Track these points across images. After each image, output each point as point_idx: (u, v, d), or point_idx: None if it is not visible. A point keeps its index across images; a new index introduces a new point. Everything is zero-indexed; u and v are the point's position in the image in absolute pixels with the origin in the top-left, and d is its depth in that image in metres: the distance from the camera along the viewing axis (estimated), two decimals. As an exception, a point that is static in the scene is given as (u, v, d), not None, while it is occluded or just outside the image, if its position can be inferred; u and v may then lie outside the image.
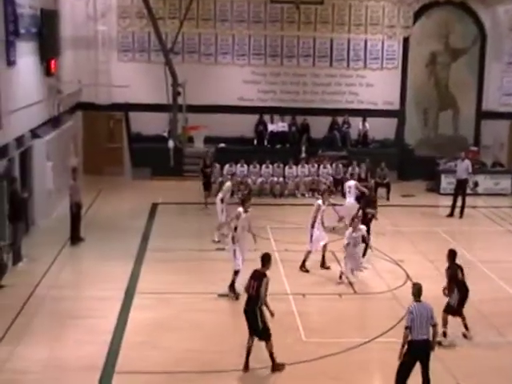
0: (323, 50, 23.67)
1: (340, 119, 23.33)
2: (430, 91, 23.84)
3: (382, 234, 15.67)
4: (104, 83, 22.43)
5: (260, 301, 9.57)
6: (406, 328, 8.76)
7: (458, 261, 10.97)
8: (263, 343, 9.69)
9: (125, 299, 12.13)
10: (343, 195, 20.67)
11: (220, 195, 15.85)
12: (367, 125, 23.14)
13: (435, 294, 12.48)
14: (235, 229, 12.26)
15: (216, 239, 15.25)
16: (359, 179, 17.13)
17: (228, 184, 15.91)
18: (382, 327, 11.01)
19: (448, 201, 19.18)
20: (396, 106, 23.73)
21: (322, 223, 13.95)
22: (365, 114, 23.26)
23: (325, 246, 13.95)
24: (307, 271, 13.75)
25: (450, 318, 10.68)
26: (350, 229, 13.29)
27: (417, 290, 9.01)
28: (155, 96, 22.20)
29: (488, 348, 10.51)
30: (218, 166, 20.12)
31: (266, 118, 23.31)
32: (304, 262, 13.77)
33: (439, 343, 10.45)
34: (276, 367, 9.67)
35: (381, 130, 23.19)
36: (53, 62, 17.70)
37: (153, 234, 16.30)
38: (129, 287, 12.72)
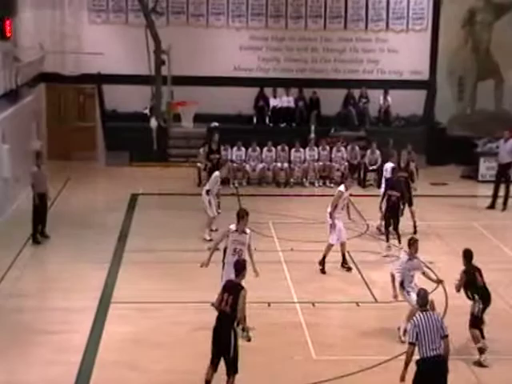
0: (336, 9, 23.59)
1: (357, 92, 23.26)
2: (467, 57, 23.74)
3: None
4: (72, 50, 22.38)
5: (235, 318, 9.26)
6: (410, 344, 8.71)
7: (500, 262, 10.97)
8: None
9: (98, 310, 12.10)
10: (360, 183, 20.74)
11: (206, 187, 15.77)
12: (389, 99, 23.06)
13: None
14: (224, 251, 11.56)
15: (207, 237, 15.23)
16: (398, 168, 16.96)
17: (216, 174, 15.79)
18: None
19: (488, 189, 19.13)
20: (425, 76, 23.65)
21: (348, 214, 14.08)
22: (387, 85, 23.19)
23: (343, 245, 13.98)
24: (324, 272, 13.79)
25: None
26: (404, 254, 11.61)
27: (421, 299, 8.95)
28: (134, 66, 22.20)
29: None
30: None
31: (268, 91, 23.25)
32: (324, 258, 13.83)
33: (479, 364, 10.44)
34: None
35: (406, 105, 23.14)
36: (8, 22, 17.58)
37: (132, 232, 16.29)
38: (103, 296, 12.69)
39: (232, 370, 9.26)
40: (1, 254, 14.42)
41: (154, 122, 22.35)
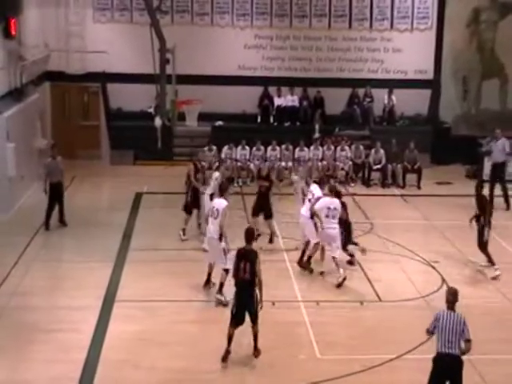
0: (341, 8, 23.54)
1: (361, 91, 23.22)
2: (472, 56, 23.69)
3: None
4: (76, 48, 22.36)
5: (255, 282, 10.22)
6: (427, 331, 8.91)
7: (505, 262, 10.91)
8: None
9: (102, 309, 12.09)
10: (364, 183, 20.73)
11: (208, 190, 15.14)
12: (394, 98, 23.03)
13: (476, 302, 12.46)
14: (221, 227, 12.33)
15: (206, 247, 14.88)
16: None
17: (216, 174, 15.34)
18: (412, 341, 10.94)
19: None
20: (429, 76, 23.60)
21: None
22: (391, 85, 23.16)
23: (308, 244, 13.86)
24: (311, 270, 13.71)
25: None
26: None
27: (452, 296, 8.97)
28: (139, 64, 22.18)
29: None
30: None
31: (272, 90, 23.21)
32: (309, 258, 13.79)
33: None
34: (258, 352, 10.45)
35: (411, 104, 23.09)
36: (13, 21, 17.62)
37: (136, 231, 16.27)
38: (107, 294, 12.68)
39: (256, 320, 10.35)
40: (6, 251, 14.43)
41: (158, 121, 22.32)
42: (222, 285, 12.25)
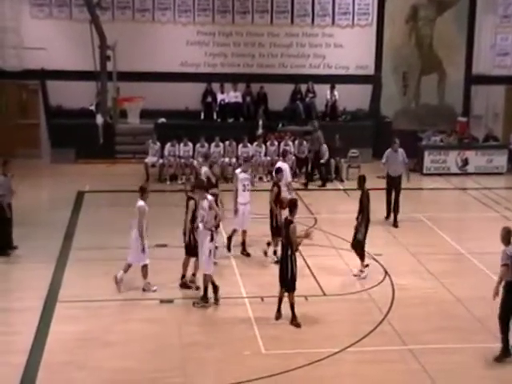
0: (283, 4, 23.68)
1: (303, 87, 23.37)
2: (411, 52, 24.11)
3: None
4: (13, 44, 21.91)
5: (290, 247, 11.37)
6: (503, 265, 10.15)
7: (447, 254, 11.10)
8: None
9: (44, 310, 11.88)
10: (307, 178, 20.85)
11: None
12: (336, 93, 23.25)
13: (421, 293, 12.68)
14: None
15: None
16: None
17: (205, 170, 14.88)
18: (356, 334, 11.08)
19: (434, 182, 19.42)
20: (370, 71, 23.90)
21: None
22: (333, 80, 23.36)
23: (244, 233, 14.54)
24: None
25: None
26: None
27: (507, 233, 10.24)
28: (79, 61, 21.94)
29: (489, 357, 10.57)
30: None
31: (215, 86, 23.17)
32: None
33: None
34: (294, 321, 11.45)
35: (352, 99, 23.35)
36: None
37: (79, 230, 16.05)
38: (49, 295, 12.46)
39: (290, 288, 11.53)
40: None
41: (99, 119, 22.11)
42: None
